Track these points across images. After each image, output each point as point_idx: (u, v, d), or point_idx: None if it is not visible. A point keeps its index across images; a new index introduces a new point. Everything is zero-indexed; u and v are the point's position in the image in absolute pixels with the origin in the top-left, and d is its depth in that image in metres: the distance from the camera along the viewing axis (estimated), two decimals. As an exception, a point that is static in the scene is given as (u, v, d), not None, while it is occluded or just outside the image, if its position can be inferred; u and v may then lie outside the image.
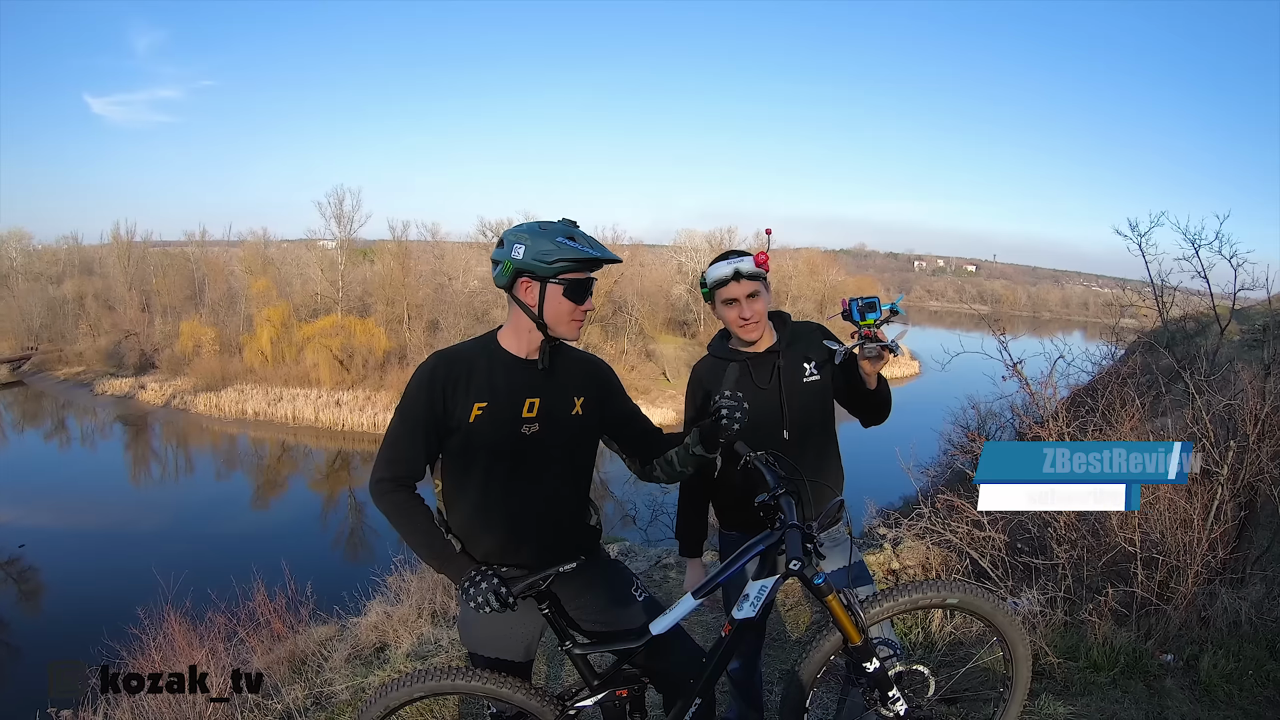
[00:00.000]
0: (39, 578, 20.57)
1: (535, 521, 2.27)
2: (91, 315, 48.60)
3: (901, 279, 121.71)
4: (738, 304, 2.65)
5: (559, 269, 2.18)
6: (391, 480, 2.18)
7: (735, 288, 2.64)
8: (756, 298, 2.67)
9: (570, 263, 2.18)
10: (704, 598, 2.21)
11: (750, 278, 2.64)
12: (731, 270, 2.62)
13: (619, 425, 2.44)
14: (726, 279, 2.63)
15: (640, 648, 2.22)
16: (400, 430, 2.21)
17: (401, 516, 2.18)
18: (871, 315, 2.41)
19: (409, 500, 2.19)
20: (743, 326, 2.67)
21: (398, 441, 2.21)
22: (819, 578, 2.11)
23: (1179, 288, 5.94)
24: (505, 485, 2.24)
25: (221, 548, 19.96)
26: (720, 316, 2.73)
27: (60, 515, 24.31)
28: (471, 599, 2.09)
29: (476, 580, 2.11)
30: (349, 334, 41.96)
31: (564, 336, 2.28)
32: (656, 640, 2.22)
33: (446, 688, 2.26)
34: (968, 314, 59.99)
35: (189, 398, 40.40)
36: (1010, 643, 2.37)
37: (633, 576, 2.52)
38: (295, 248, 52.29)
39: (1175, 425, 4.74)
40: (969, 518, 4.67)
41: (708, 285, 2.67)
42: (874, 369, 2.46)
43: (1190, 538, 3.87)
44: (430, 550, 2.19)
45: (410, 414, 2.20)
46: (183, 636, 5.11)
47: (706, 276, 2.67)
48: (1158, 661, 3.69)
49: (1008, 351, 4.48)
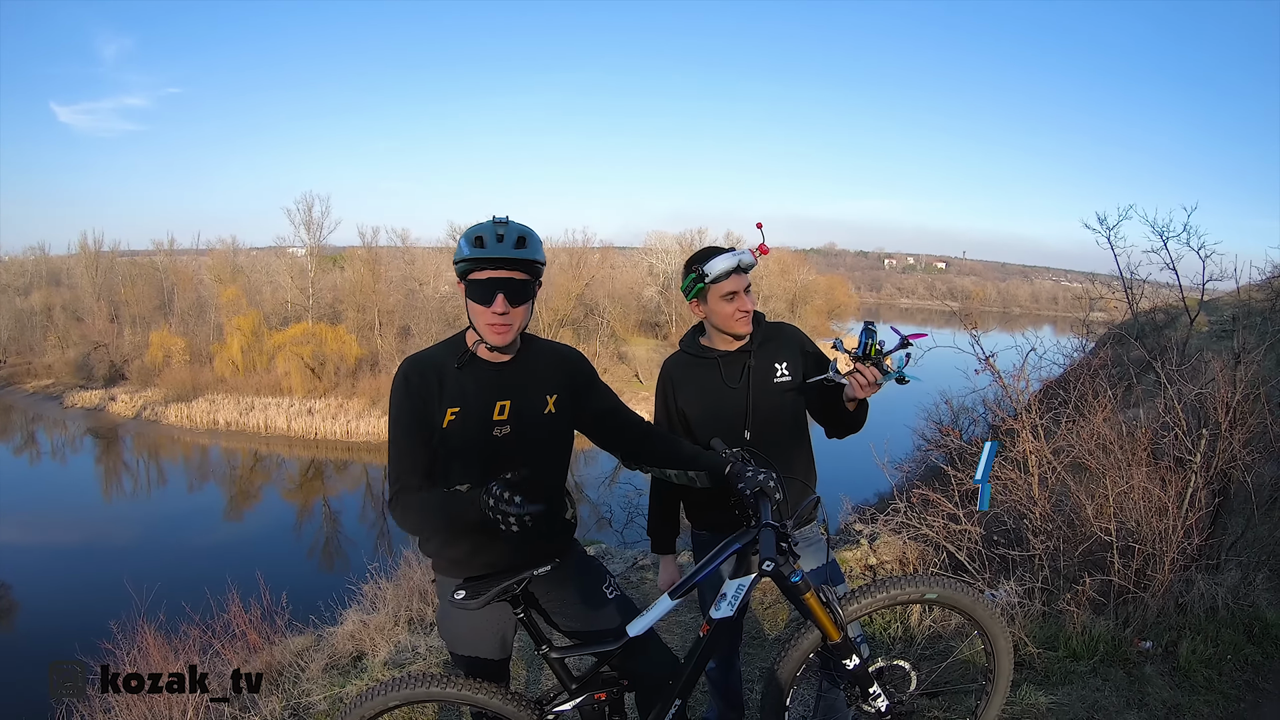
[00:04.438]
0: (10, 595, 20.11)
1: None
2: (60, 327, 47.71)
3: (872, 277, 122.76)
4: (737, 297, 2.62)
5: (462, 269, 2.14)
6: (412, 488, 2.12)
7: (735, 281, 2.61)
8: (750, 292, 2.66)
9: (469, 263, 2.12)
10: (681, 598, 2.19)
11: (747, 270, 2.63)
12: (736, 262, 2.59)
13: (596, 420, 2.41)
14: (729, 271, 2.60)
15: (618, 650, 2.20)
16: (401, 441, 2.16)
17: (424, 509, 2.12)
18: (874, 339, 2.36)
19: (420, 496, 2.12)
20: (741, 320, 2.64)
21: (403, 453, 2.16)
22: (795, 576, 2.09)
23: (1148, 280, 6.01)
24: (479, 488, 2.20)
25: (196, 560, 19.69)
26: (713, 311, 2.67)
27: (32, 531, 23.87)
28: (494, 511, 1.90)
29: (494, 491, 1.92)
30: (320, 341, 41.59)
31: (490, 342, 2.17)
32: (632, 642, 2.20)
33: (421, 695, 2.22)
34: (939, 310, 60.66)
35: (160, 409, 39.83)
36: (991, 636, 2.35)
37: (606, 574, 2.50)
38: (265, 255, 51.80)
39: (1147, 415, 4.77)
40: (944, 511, 4.67)
41: (708, 279, 2.61)
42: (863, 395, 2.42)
43: (1165, 525, 3.89)
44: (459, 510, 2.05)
45: (403, 423, 2.16)
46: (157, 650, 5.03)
47: (707, 270, 2.60)
48: (1137, 649, 3.71)
49: (980, 345, 4.49)
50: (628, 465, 2.48)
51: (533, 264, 2.14)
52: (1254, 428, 4.33)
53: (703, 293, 2.65)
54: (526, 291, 2.16)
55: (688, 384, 2.75)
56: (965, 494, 4.70)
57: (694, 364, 2.77)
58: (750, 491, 2.17)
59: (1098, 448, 4.25)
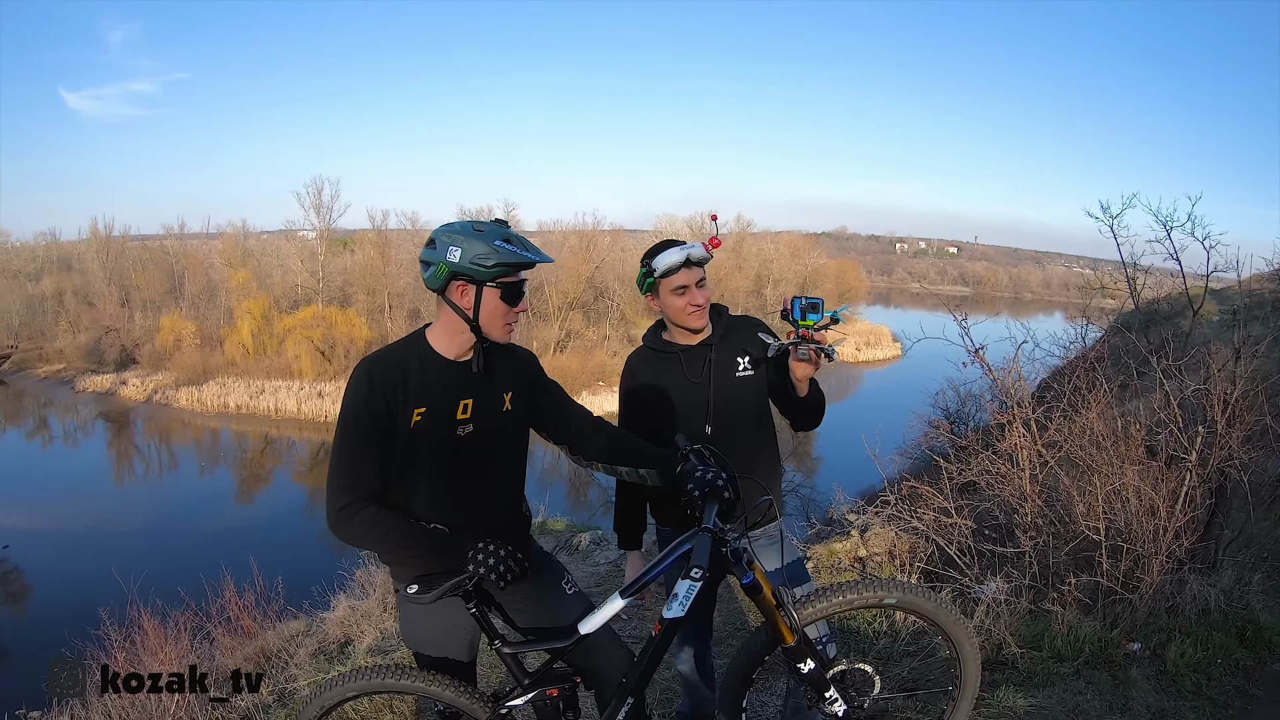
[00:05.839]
0: (22, 580, 20.30)
1: (474, 521, 2.23)
2: (71, 312, 48.02)
3: (883, 261, 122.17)
4: (688, 291, 2.58)
5: (496, 273, 2.14)
6: (357, 503, 2.08)
7: (685, 274, 2.57)
8: (704, 285, 2.61)
9: (506, 267, 2.15)
10: (632, 597, 2.15)
11: (699, 264, 2.58)
12: (684, 256, 2.56)
13: (548, 415, 2.45)
14: (678, 265, 2.56)
15: (570, 646, 2.21)
16: (350, 448, 2.12)
17: (382, 530, 2.10)
18: (813, 316, 2.37)
19: (378, 511, 2.10)
20: (693, 314, 2.61)
21: (351, 461, 2.11)
22: (747, 577, 2.07)
23: (1150, 270, 5.88)
24: (444, 487, 2.23)
25: (205, 544, 19.67)
26: (665, 306, 2.65)
27: (44, 516, 23.97)
28: (493, 570, 2.06)
29: (492, 550, 2.08)
30: (330, 325, 41.71)
31: (497, 339, 2.24)
32: (586, 639, 2.20)
33: (378, 686, 2.28)
34: (950, 295, 60.05)
35: (170, 393, 40.00)
36: (956, 641, 2.28)
37: (563, 570, 2.52)
38: (275, 239, 51.77)
39: (1146, 410, 4.66)
40: (935, 505, 4.59)
41: (657, 273, 2.58)
42: (805, 373, 2.44)
43: (1156, 525, 3.79)
44: (426, 548, 2.12)
45: (357, 428, 2.12)
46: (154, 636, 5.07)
47: (655, 264, 2.58)
48: (1124, 651, 3.61)
49: (969, 336, 4.39)
50: (579, 463, 2.46)
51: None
52: (1253, 425, 4.21)
53: (654, 287, 2.62)
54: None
55: (650, 379, 2.73)
56: (956, 487, 4.62)
57: (656, 359, 2.75)
58: (699, 492, 2.14)
59: (1090, 443, 4.14)
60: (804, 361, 2.39)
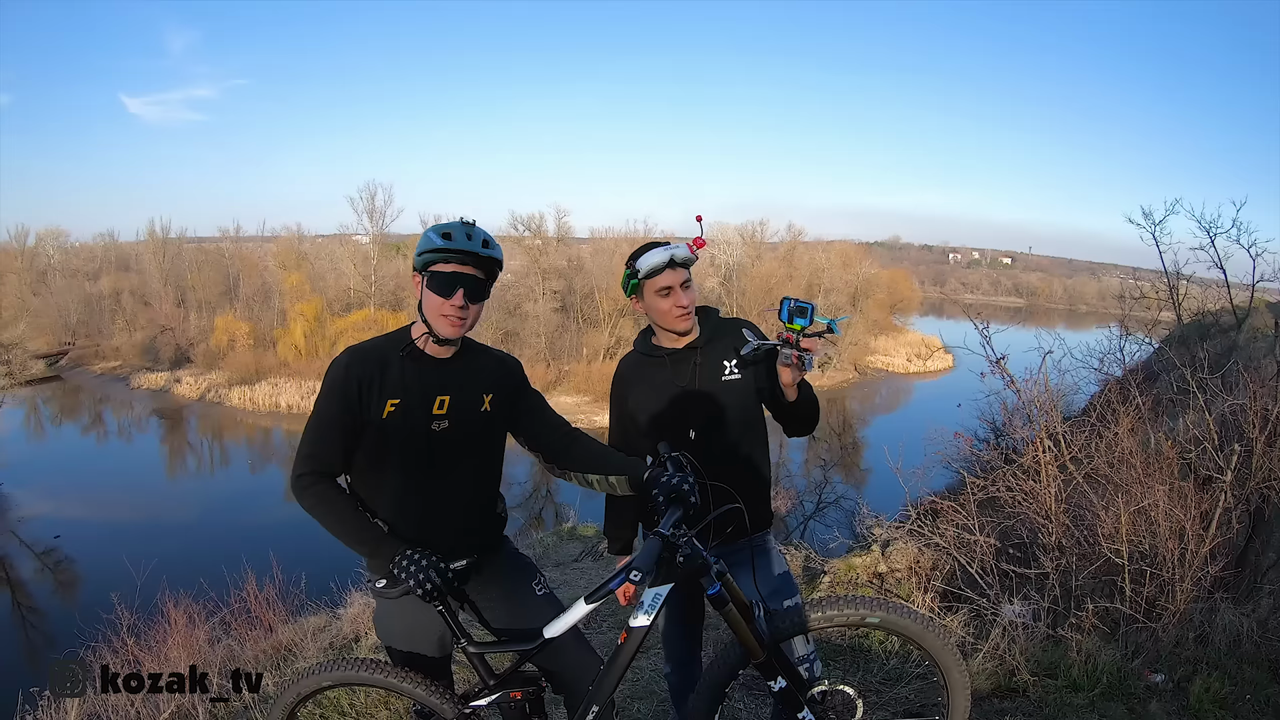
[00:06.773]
0: (74, 569, 20.87)
1: (446, 517, 2.26)
2: (127, 311, 49.42)
3: (936, 271, 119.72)
4: (672, 293, 2.51)
5: (425, 261, 2.18)
6: (313, 474, 2.15)
7: (670, 276, 2.50)
8: (689, 287, 2.54)
9: (434, 254, 2.16)
10: (597, 602, 2.08)
11: (684, 265, 2.51)
12: (667, 257, 2.48)
13: (527, 423, 2.44)
14: (661, 267, 2.49)
15: (534, 650, 2.17)
16: (318, 426, 2.19)
17: (328, 506, 2.14)
18: (800, 320, 2.27)
19: (332, 489, 2.17)
20: (679, 316, 2.53)
21: (316, 437, 2.19)
22: (713, 588, 1.99)
23: (1193, 278, 5.61)
24: (417, 482, 2.24)
25: (251, 537, 20.02)
26: (650, 307, 2.57)
27: (97, 507, 24.65)
28: (412, 577, 2.04)
29: (416, 559, 2.06)
30: (381, 328, 41.84)
31: (439, 332, 2.21)
32: (552, 643, 2.16)
33: (351, 679, 2.34)
34: (1003, 306, 58.42)
35: (223, 391, 40.98)
36: (944, 667, 2.13)
37: (535, 572, 2.51)
38: (328, 243, 52.67)
39: (1182, 427, 4.43)
40: (957, 521, 4.42)
41: (640, 274, 2.52)
42: (786, 379, 2.34)
43: (1184, 549, 3.57)
44: (360, 537, 2.13)
45: (327, 410, 2.19)
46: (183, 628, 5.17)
47: (639, 265, 2.51)
48: (1145, 682, 3.40)
49: (990, 346, 4.21)
50: (553, 472, 2.42)
51: (493, 264, 2.22)
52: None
53: (638, 288, 2.55)
54: (483, 291, 2.23)
55: (639, 383, 2.66)
56: (978, 503, 4.45)
57: (645, 363, 2.67)
58: (662, 497, 2.08)
59: (1117, 460, 3.94)
60: (787, 366, 2.30)
